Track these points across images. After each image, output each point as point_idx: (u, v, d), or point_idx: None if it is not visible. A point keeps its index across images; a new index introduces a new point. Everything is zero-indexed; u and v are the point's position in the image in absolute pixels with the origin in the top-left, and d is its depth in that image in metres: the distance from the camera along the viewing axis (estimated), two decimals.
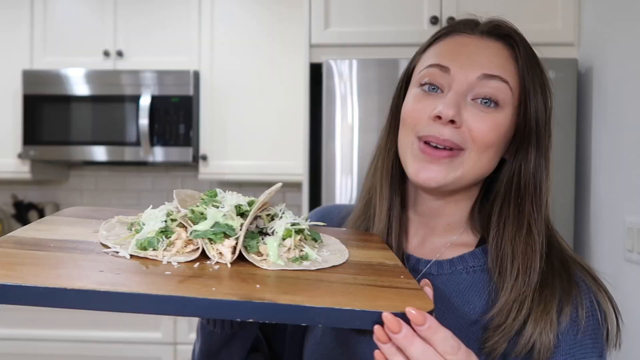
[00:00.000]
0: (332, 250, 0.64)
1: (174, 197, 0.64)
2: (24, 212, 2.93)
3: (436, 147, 0.70)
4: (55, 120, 2.58)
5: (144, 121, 2.49)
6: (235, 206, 0.61)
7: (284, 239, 0.60)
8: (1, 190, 3.03)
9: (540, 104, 0.71)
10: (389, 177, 0.78)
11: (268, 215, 0.65)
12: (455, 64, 0.71)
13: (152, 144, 2.53)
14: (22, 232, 0.62)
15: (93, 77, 2.56)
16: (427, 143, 0.70)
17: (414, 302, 0.50)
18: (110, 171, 3.02)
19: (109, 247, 0.58)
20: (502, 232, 0.72)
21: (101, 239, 0.61)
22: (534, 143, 0.72)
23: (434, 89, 0.72)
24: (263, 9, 2.61)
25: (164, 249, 0.57)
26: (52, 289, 0.46)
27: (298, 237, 0.61)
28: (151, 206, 0.65)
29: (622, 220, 1.71)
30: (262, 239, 0.60)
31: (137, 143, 2.54)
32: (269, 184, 2.93)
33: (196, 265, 0.55)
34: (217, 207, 0.61)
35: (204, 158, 2.61)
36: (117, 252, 0.57)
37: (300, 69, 2.34)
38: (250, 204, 0.63)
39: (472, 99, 0.70)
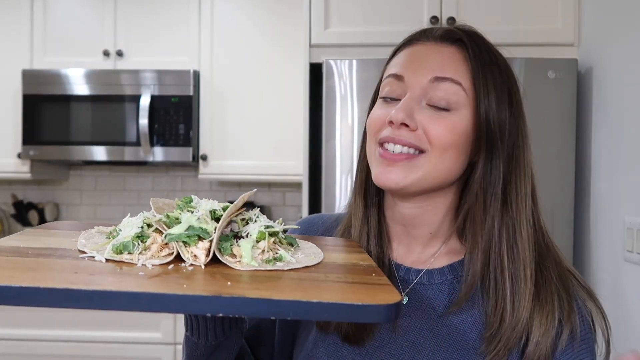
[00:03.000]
0: (307, 253, 0.66)
1: (151, 204, 0.66)
2: (23, 212, 2.93)
3: (394, 152, 0.72)
4: (55, 120, 2.58)
5: (143, 121, 2.49)
6: (210, 211, 0.63)
7: (257, 242, 0.61)
8: (1, 190, 3.03)
9: (493, 103, 0.70)
10: (363, 187, 0.80)
11: (243, 219, 0.66)
12: (408, 71, 0.73)
13: (152, 143, 2.53)
14: (3, 242, 0.64)
15: (93, 77, 2.56)
16: (386, 149, 0.72)
17: (382, 295, 0.51)
18: (110, 171, 3.02)
19: (84, 252, 0.60)
20: (476, 241, 0.72)
21: (79, 246, 0.63)
22: (497, 143, 0.71)
23: (393, 99, 0.74)
24: (263, 9, 2.61)
25: (140, 253, 0.59)
26: (25, 288, 0.48)
27: (272, 239, 0.63)
28: (129, 214, 0.67)
29: (622, 221, 1.71)
30: (237, 242, 0.61)
31: (137, 143, 2.54)
32: (269, 184, 2.94)
33: (170, 267, 0.57)
34: (192, 212, 0.62)
35: (204, 158, 2.61)
36: (93, 257, 0.58)
37: (300, 69, 2.34)
38: (225, 209, 0.64)
39: (427, 103, 0.71)
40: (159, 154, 2.54)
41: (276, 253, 0.62)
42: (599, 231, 1.89)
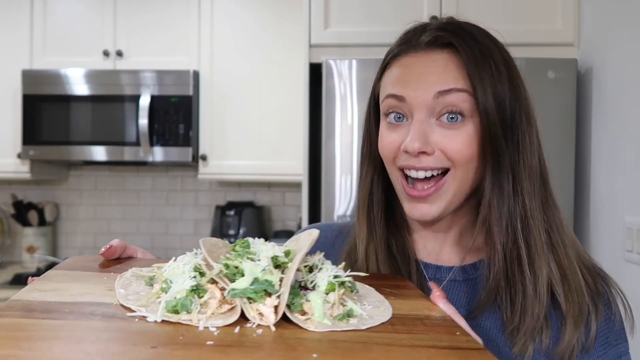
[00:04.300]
0: (373, 303, 0.59)
1: (201, 246, 0.58)
2: (23, 212, 2.92)
3: (419, 179, 0.70)
4: (55, 120, 2.57)
5: (143, 121, 2.49)
6: (272, 258, 0.55)
7: (326, 294, 0.55)
8: (1, 190, 3.03)
9: (492, 101, 0.68)
10: (366, 206, 0.78)
11: (306, 266, 0.59)
12: (408, 90, 0.70)
13: (152, 143, 2.53)
14: (27, 295, 0.54)
15: (93, 77, 2.56)
16: (411, 185, 0.71)
17: None
18: (110, 171, 3.02)
19: (132, 310, 0.52)
20: (493, 244, 0.71)
21: (120, 298, 0.54)
22: (501, 143, 0.69)
23: (399, 117, 0.72)
24: (263, 8, 2.61)
25: (198, 311, 0.51)
26: None
27: (341, 291, 0.56)
28: (173, 258, 0.59)
29: (622, 220, 1.71)
30: (304, 295, 0.55)
31: (137, 143, 2.54)
32: (268, 184, 2.94)
33: (236, 330, 0.49)
34: (253, 260, 0.55)
35: (204, 158, 2.61)
36: (145, 317, 0.50)
37: (300, 68, 2.34)
38: (287, 254, 0.57)
39: (437, 119, 0.69)
40: (158, 154, 2.54)
41: (344, 305, 0.55)
42: (599, 231, 1.89)
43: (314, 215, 2.20)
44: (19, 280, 2.49)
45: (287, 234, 2.78)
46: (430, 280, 0.77)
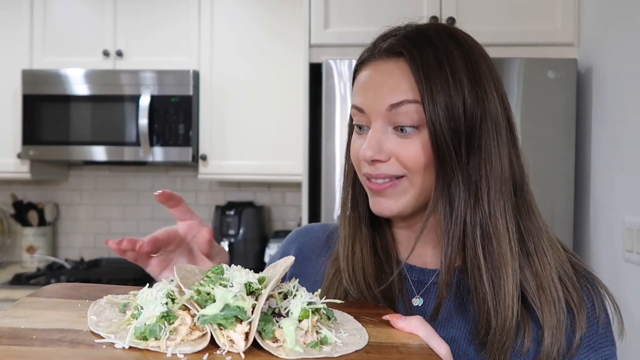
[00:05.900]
0: (349, 330, 0.59)
1: (175, 274, 0.58)
2: (23, 212, 2.93)
3: (377, 181, 0.72)
4: (55, 120, 2.57)
5: (143, 121, 2.49)
6: (245, 284, 0.55)
7: (299, 321, 0.54)
8: (1, 190, 3.03)
9: (440, 110, 0.67)
10: (349, 203, 0.79)
11: (280, 293, 0.58)
12: (366, 101, 0.72)
13: (152, 143, 2.53)
14: None
15: (92, 77, 2.56)
16: (369, 178, 0.73)
17: None
18: (110, 171, 3.02)
19: (101, 337, 0.51)
20: (447, 250, 0.70)
21: (90, 325, 0.53)
22: (450, 145, 0.68)
23: (361, 127, 0.74)
24: (263, 8, 2.61)
25: (167, 338, 0.51)
26: None
27: (315, 318, 0.56)
28: (147, 285, 0.59)
29: (622, 221, 1.71)
30: (277, 322, 0.54)
31: (137, 143, 2.54)
32: (268, 184, 2.94)
33: (205, 356, 0.48)
34: (225, 286, 0.54)
35: (204, 158, 2.61)
36: (112, 343, 0.50)
37: (300, 68, 2.34)
38: (261, 281, 0.57)
39: (394, 128, 0.70)
40: (158, 154, 2.54)
41: (318, 332, 0.55)
42: (599, 231, 1.89)
43: (314, 215, 2.20)
44: (19, 280, 2.49)
45: (287, 234, 2.78)
46: (414, 282, 0.77)
